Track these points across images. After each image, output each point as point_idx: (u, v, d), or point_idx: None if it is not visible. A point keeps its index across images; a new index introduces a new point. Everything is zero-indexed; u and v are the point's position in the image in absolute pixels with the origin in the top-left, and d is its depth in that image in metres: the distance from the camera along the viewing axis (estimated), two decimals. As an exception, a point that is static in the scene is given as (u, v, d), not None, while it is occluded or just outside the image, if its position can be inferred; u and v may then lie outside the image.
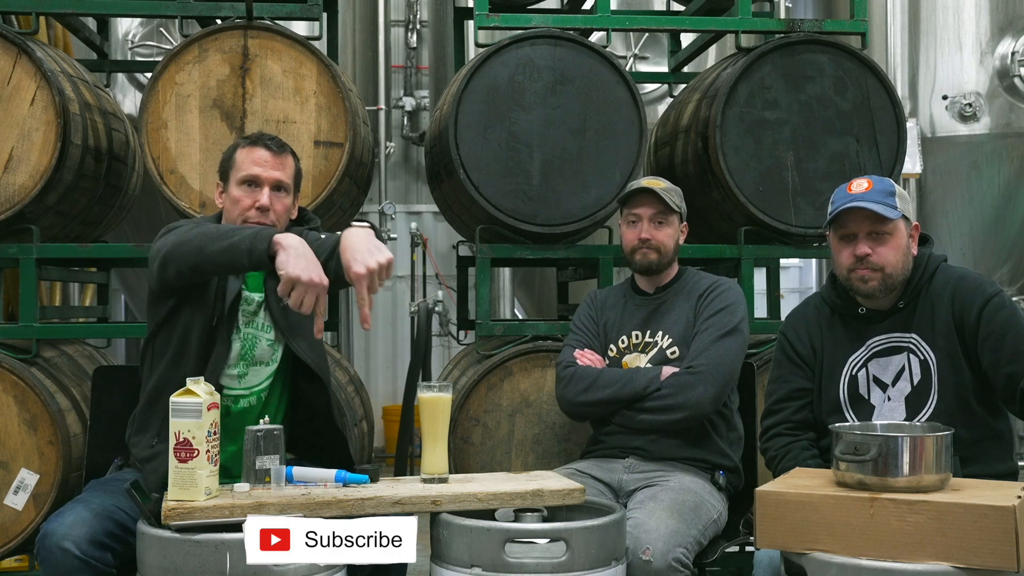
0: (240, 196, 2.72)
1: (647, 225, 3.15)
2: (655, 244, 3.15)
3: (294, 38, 3.62)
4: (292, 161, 2.81)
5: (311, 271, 2.31)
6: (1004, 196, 5.28)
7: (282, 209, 2.75)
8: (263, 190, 2.71)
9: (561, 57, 3.74)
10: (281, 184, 2.75)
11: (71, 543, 2.40)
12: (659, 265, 3.18)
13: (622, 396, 3.05)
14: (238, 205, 2.72)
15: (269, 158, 2.73)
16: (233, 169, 2.76)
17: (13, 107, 3.50)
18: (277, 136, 2.83)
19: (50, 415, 3.35)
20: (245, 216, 2.71)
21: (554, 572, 2.34)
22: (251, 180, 2.72)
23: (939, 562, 2.10)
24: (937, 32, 5.32)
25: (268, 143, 2.76)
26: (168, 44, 5.44)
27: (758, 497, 2.28)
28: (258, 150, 2.74)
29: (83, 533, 2.43)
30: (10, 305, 4.36)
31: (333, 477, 2.53)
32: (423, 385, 2.63)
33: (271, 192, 2.72)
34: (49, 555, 2.41)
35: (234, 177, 2.75)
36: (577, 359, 3.16)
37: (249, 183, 2.72)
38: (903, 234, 2.66)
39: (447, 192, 4.07)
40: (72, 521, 2.45)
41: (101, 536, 2.45)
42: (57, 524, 2.45)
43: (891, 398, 2.67)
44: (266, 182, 2.72)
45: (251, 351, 2.76)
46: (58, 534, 2.42)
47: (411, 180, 9.28)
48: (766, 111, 3.82)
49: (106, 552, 2.46)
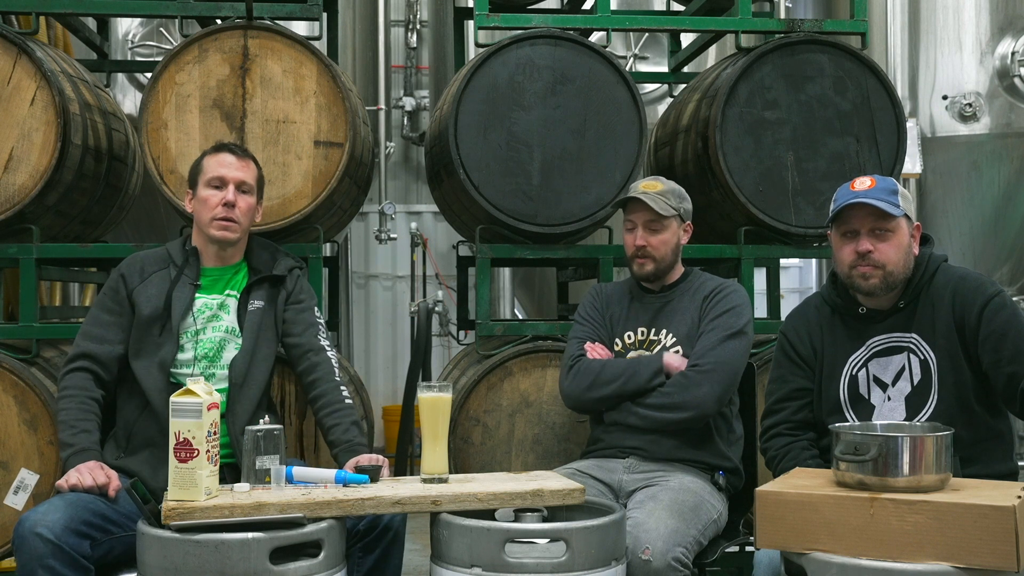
0: (208, 196, 2.98)
1: (642, 231, 3.16)
2: (650, 252, 3.15)
3: (294, 38, 3.62)
4: (255, 166, 3.09)
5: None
6: (1004, 196, 5.28)
7: (245, 207, 3.01)
8: (228, 187, 2.98)
9: (561, 57, 3.74)
10: (244, 184, 3.01)
11: (45, 528, 2.42)
12: (656, 274, 3.19)
13: (626, 391, 3.05)
14: (206, 205, 2.98)
15: (233, 161, 3.02)
16: (201, 174, 3.03)
17: (13, 107, 3.50)
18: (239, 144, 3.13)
19: (50, 415, 3.35)
20: (213, 214, 2.96)
21: (554, 572, 2.34)
22: (217, 181, 2.98)
23: (939, 562, 2.10)
24: (937, 32, 5.32)
25: (232, 148, 3.06)
26: (168, 44, 5.45)
27: (758, 497, 2.28)
28: (222, 154, 3.03)
29: (57, 519, 2.45)
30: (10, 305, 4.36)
31: (333, 477, 2.53)
32: (423, 385, 2.63)
33: (235, 191, 2.98)
34: (23, 542, 2.42)
35: (202, 180, 3.01)
36: (587, 351, 3.16)
37: (216, 185, 2.98)
38: (905, 233, 2.67)
39: (447, 192, 4.07)
40: (46, 509, 2.49)
41: (77, 524, 2.47)
42: (31, 513, 2.49)
43: (891, 398, 2.67)
44: (231, 181, 2.99)
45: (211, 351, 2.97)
46: (32, 520, 2.45)
47: (411, 180, 9.28)
48: (766, 111, 3.82)
49: (83, 540, 2.48)
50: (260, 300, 3.03)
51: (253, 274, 3.06)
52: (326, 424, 2.95)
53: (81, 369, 2.90)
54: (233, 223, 2.97)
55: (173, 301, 2.94)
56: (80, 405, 2.84)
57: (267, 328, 3.03)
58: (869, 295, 2.69)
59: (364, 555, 2.73)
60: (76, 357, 2.92)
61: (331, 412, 2.95)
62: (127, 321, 2.95)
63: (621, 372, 3.07)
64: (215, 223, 2.96)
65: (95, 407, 2.87)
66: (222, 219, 2.95)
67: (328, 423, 2.94)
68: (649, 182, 3.22)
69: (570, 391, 3.15)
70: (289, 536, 2.30)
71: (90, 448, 2.77)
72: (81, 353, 2.92)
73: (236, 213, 2.96)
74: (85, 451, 2.76)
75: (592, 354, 3.15)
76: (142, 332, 2.93)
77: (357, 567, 2.73)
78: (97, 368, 2.90)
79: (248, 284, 3.04)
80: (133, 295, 2.96)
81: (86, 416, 2.83)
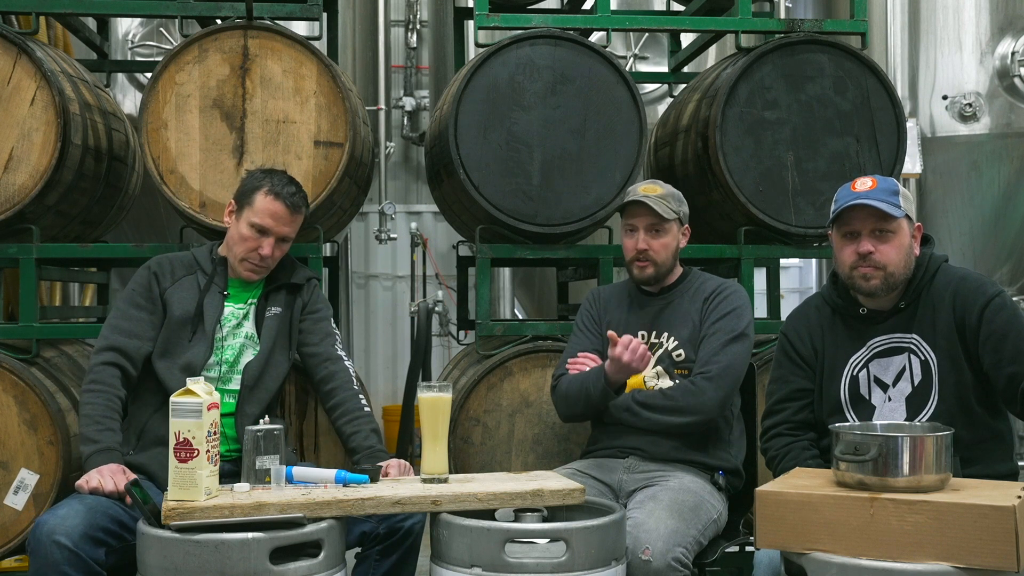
0: (248, 236, 2.97)
1: (643, 235, 3.15)
2: (651, 256, 3.15)
3: (294, 38, 3.61)
4: (302, 217, 3.07)
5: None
6: (1004, 196, 5.28)
7: (279, 255, 3.04)
8: (269, 239, 2.97)
9: (561, 57, 3.74)
10: (287, 238, 3.02)
11: (63, 536, 2.40)
12: (656, 277, 3.19)
13: (591, 408, 3.10)
14: (243, 244, 2.98)
15: (285, 215, 2.99)
16: (249, 208, 2.99)
17: (13, 107, 3.50)
18: (298, 192, 3.05)
19: (50, 415, 3.35)
20: (247, 256, 2.98)
21: (554, 572, 2.35)
22: (262, 229, 2.96)
23: (939, 562, 2.10)
24: (937, 32, 5.32)
25: (289, 199, 2.99)
26: (168, 44, 5.44)
27: (758, 497, 2.28)
28: (278, 204, 2.97)
29: (76, 526, 2.43)
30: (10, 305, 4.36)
31: (333, 477, 2.53)
32: (423, 385, 2.64)
33: (275, 242, 2.99)
34: (39, 547, 2.41)
35: (247, 216, 2.98)
36: (568, 368, 3.17)
37: (259, 230, 2.96)
38: (906, 234, 2.66)
39: (447, 192, 4.07)
40: (65, 514, 2.46)
41: (95, 531, 2.46)
42: (50, 516, 2.45)
43: (892, 398, 2.67)
44: (274, 235, 2.98)
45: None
46: (50, 525, 2.42)
47: (411, 180, 9.27)
48: (766, 111, 3.82)
49: (99, 548, 2.46)
50: (278, 307, 3.07)
51: (270, 282, 3.09)
52: (346, 432, 2.97)
53: (111, 364, 2.86)
54: (262, 268, 3.01)
55: (206, 307, 2.96)
56: (107, 402, 2.81)
57: (283, 335, 3.06)
58: (870, 296, 2.69)
59: (381, 559, 2.74)
60: (105, 349, 2.88)
61: (350, 420, 2.97)
62: (158, 320, 2.95)
63: (579, 393, 3.09)
64: (245, 263, 3.00)
65: (119, 406, 2.84)
66: (254, 263, 2.99)
67: (348, 431, 2.97)
68: (649, 185, 3.21)
69: (556, 410, 3.24)
70: (289, 536, 2.30)
71: (114, 448, 2.74)
72: (111, 346, 2.88)
73: (268, 261, 3.00)
74: (109, 451, 2.72)
75: (573, 369, 3.15)
76: (171, 333, 2.94)
77: (373, 570, 2.74)
78: (126, 363, 2.87)
79: (266, 291, 3.07)
80: (165, 295, 2.97)
81: (111, 414, 2.80)
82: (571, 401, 3.12)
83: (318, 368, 3.07)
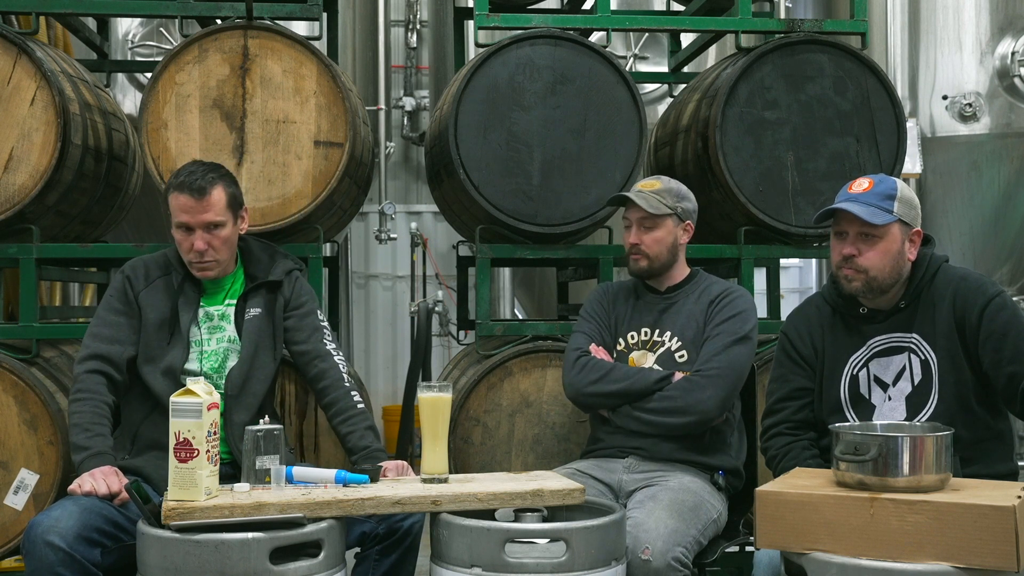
0: (180, 239, 2.93)
1: (636, 229, 3.16)
2: (643, 249, 3.15)
3: (294, 38, 3.61)
4: (219, 195, 2.90)
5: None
6: (1004, 196, 5.28)
7: (221, 240, 2.92)
8: (196, 233, 2.89)
9: (561, 57, 3.74)
10: (211, 223, 2.89)
11: (57, 536, 2.39)
12: (650, 271, 3.18)
13: (632, 391, 3.05)
14: (181, 247, 2.94)
15: (192, 203, 2.87)
16: (170, 212, 2.93)
17: (13, 107, 3.50)
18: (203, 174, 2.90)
19: (50, 415, 3.35)
20: (188, 258, 2.93)
21: (554, 572, 2.35)
22: (183, 226, 2.90)
23: (939, 562, 2.10)
24: (937, 32, 5.32)
25: (190, 187, 2.87)
26: (168, 44, 5.44)
27: (758, 497, 2.28)
28: (183, 196, 2.88)
29: (70, 527, 2.42)
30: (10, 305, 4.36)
31: (333, 477, 2.53)
32: (423, 385, 2.63)
33: (203, 233, 2.89)
34: (33, 548, 2.39)
35: (172, 222, 2.93)
36: (592, 352, 3.15)
37: (184, 228, 2.90)
38: (895, 238, 2.64)
39: (447, 192, 4.07)
40: (59, 515, 2.45)
41: (89, 532, 2.44)
42: (43, 517, 2.44)
43: (892, 398, 2.67)
44: (196, 226, 2.89)
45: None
46: (43, 527, 2.41)
47: (411, 180, 9.28)
48: (766, 111, 3.82)
49: (94, 548, 2.45)
50: (257, 308, 3.01)
51: (250, 281, 3.04)
52: (341, 432, 2.95)
53: (95, 372, 2.85)
54: (209, 262, 2.93)
55: (180, 308, 2.94)
56: (94, 408, 2.80)
57: (266, 337, 3.01)
58: (854, 296, 2.70)
59: (381, 559, 2.74)
60: (88, 358, 2.88)
61: (345, 419, 2.94)
62: (136, 323, 2.94)
63: (630, 375, 3.07)
64: (192, 266, 2.95)
65: (107, 411, 2.83)
66: (197, 261, 2.92)
67: (343, 430, 2.94)
68: (648, 181, 3.22)
69: (576, 382, 3.12)
70: (289, 536, 2.30)
71: (105, 452, 2.74)
72: (93, 354, 2.88)
73: (210, 253, 2.91)
74: (101, 455, 2.71)
75: (597, 354, 3.14)
76: (149, 337, 2.92)
77: (373, 570, 2.74)
78: (110, 369, 2.87)
79: (244, 292, 3.02)
80: (139, 298, 2.95)
81: (100, 420, 2.79)
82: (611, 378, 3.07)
83: (308, 366, 3.03)
